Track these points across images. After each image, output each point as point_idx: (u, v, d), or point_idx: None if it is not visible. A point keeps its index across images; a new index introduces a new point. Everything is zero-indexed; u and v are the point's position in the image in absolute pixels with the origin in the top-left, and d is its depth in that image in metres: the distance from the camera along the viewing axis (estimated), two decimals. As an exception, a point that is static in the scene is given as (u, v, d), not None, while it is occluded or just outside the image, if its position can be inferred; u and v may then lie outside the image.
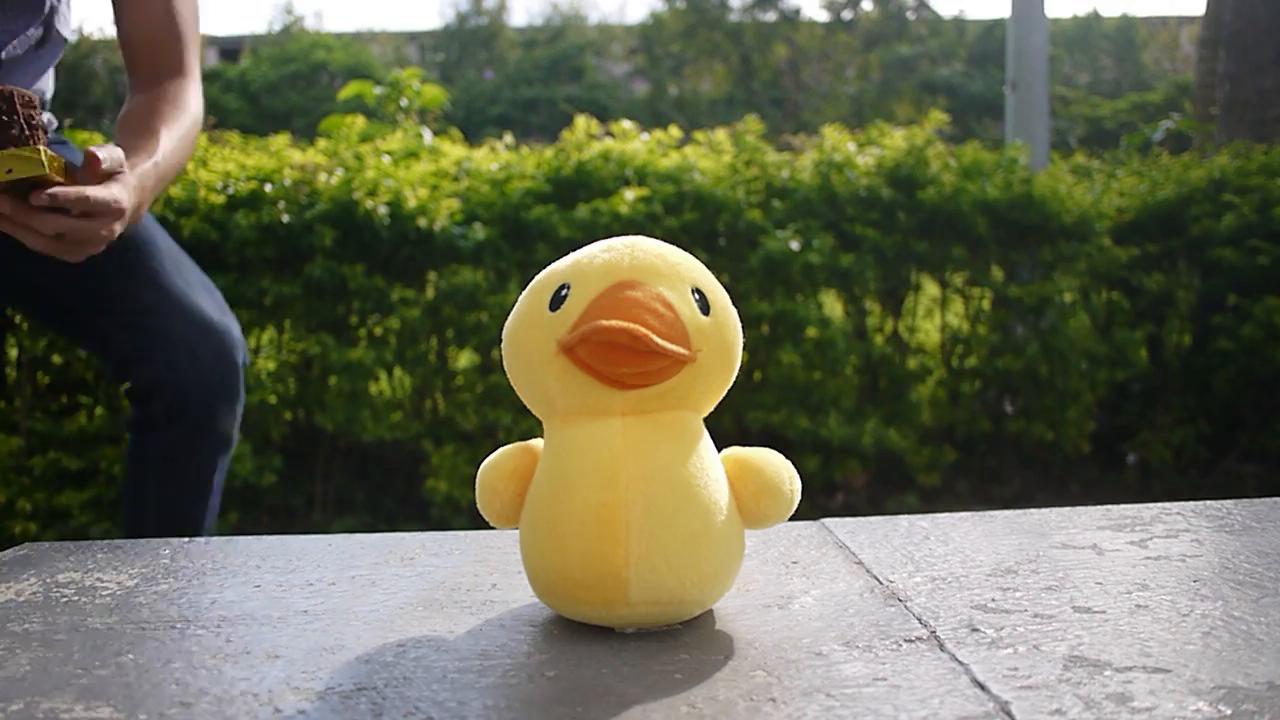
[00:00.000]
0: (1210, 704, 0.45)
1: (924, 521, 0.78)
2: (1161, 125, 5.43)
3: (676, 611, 0.54)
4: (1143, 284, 2.84)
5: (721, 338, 0.54)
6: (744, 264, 2.48)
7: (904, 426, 2.58)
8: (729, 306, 0.55)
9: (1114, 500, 0.95)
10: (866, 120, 5.41)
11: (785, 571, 0.66)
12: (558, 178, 2.51)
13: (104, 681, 0.50)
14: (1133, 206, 2.93)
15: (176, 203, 2.37)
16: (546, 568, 0.54)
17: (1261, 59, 4.31)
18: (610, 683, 0.48)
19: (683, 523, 0.52)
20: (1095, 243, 2.76)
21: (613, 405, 0.53)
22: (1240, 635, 0.53)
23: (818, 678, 0.49)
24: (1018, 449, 2.81)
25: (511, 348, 0.55)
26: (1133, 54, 16.77)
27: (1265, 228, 2.78)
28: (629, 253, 0.53)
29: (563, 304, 0.52)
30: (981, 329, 2.77)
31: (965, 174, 2.69)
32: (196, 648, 0.55)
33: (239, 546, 0.76)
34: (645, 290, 0.51)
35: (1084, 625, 0.55)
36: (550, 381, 0.53)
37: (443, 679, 0.50)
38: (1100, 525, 0.76)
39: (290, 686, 0.49)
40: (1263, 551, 0.68)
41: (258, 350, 2.75)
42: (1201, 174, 2.98)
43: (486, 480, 0.57)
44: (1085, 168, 3.58)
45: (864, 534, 0.75)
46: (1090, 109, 12.81)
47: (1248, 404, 2.84)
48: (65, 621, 0.60)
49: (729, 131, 2.87)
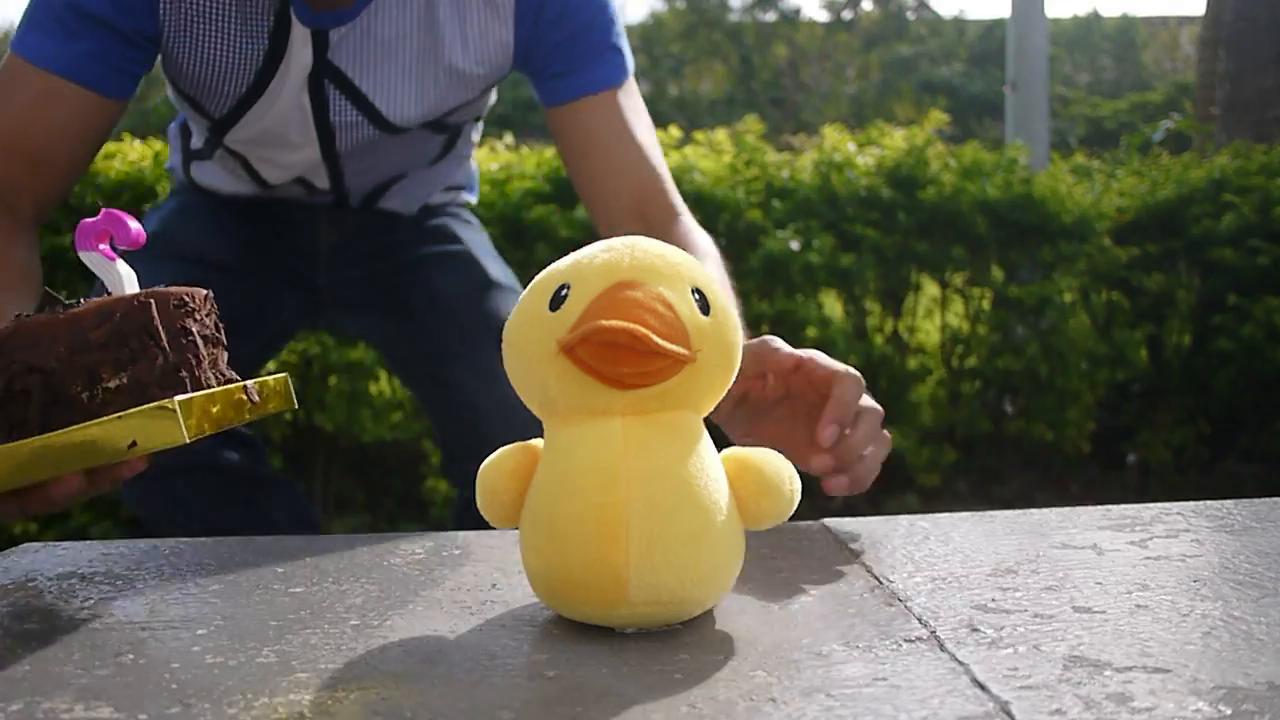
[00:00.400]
0: (1210, 704, 0.45)
1: (924, 521, 0.78)
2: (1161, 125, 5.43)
3: (676, 611, 0.54)
4: (1143, 284, 2.84)
5: (721, 338, 0.54)
6: (744, 264, 2.48)
7: (904, 426, 2.58)
8: (729, 306, 0.55)
9: (1114, 500, 0.95)
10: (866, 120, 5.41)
11: (785, 571, 0.66)
12: (558, 178, 2.51)
13: (104, 681, 0.50)
14: (1133, 206, 2.93)
15: (176, 203, 2.37)
16: (546, 568, 0.54)
17: (1261, 59, 4.31)
18: (610, 683, 0.48)
19: (683, 523, 0.52)
20: (1095, 243, 2.76)
21: (613, 405, 0.53)
22: (1240, 635, 0.53)
23: (818, 678, 0.49)
24: (1018, 449, 2.81)
25: (511, 348, 0.55)
26: (1133, 54, 16.76)
27: (1265, 228, 2.78)
28: (629, 253, 0.53)
29: (563, 304, 0.52)
30: (981, 329, 2.77)
31: (965, 174, 2.69)
32: (197, 648, 0.55)
33: (239, 545, 0.76)
34: (645, 290, 0.51)
35: (1084, 625, 0.55)
36: (550, 381, 0.53)
37: (443, 679, 0.50)
38: (1100, 525, 0.76)
39: (291, 686, 0.49)
40: (1263, 551, 0.68)
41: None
42: (1201, 174, 2.98)
43: (486, 480, 0.57)
44: (1085, 168, 3.57)
45: (864, 534, 0.75)
46: (1090, 109, 12.81)
47: (1248, 404, 2.84)
48: (65, 621, 0.60)
49: (729, 131, 2.87)
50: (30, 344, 0.56)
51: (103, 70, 0.99)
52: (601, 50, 1.10)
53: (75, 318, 0.56)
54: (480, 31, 1.09)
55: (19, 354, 0.56)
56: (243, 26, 1.04)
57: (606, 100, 1.10)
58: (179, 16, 1.02)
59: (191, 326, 0.58)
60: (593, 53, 1.10)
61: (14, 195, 0.97)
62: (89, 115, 1.00)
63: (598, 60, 1.10)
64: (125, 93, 1.03)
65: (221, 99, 1.09)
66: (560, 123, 1.13)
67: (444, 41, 1.08)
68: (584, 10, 1.10)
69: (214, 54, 1.05)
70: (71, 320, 0.56)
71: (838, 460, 0.74)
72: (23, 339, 0.56)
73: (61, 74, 0.97)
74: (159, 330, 0.57)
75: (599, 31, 1.11)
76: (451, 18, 1.08)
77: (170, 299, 0.58)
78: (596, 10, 1.11)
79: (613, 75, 1.11)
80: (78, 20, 0.97)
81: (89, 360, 0.56)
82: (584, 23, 1.10)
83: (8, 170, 0.97)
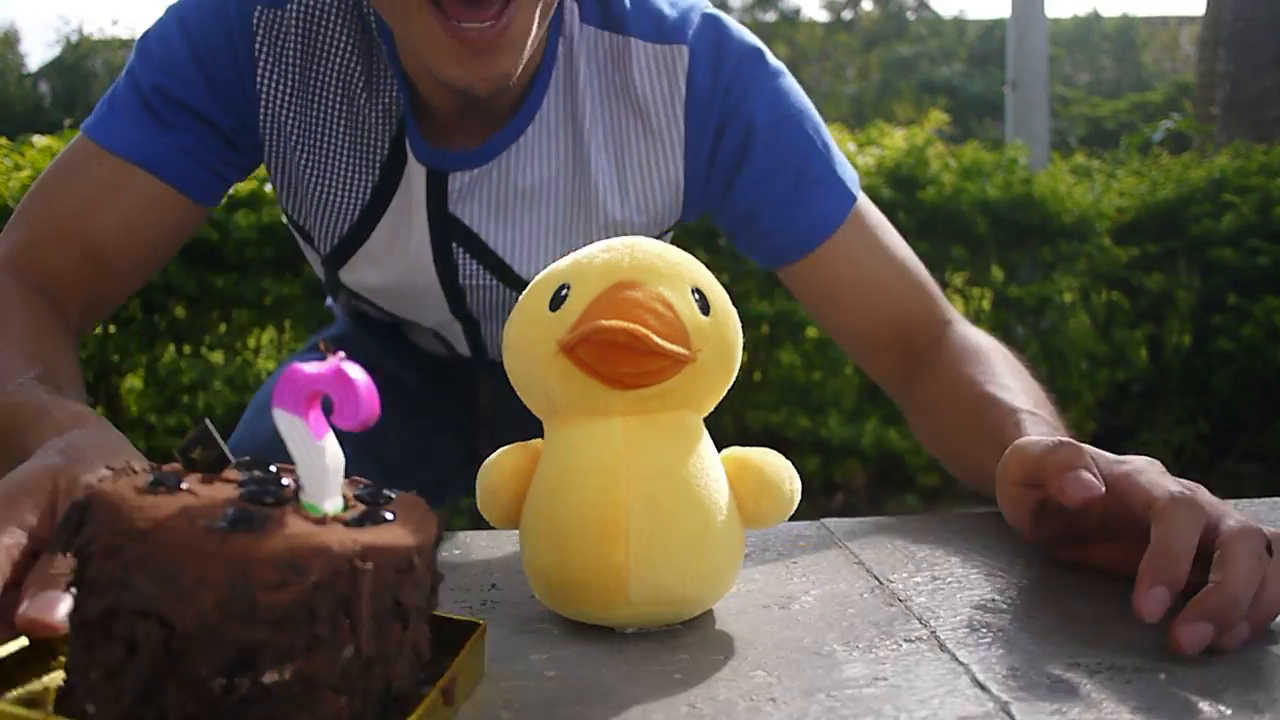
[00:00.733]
0: (1210, 704, 0.45)
1: (924, 521, 0.78)
2: (1161, 125, 5.44)
3: (677, 611, 0.54)
4: (1143, 284, 2.84)
5: (721, 338, 0.54)
6: (744, 264, 2.49)
7: (904, 426, 2.58)
8: (729, 306, 0.55)
9: (1114, 500, 0.94)
10: (866, 120, 5.41)
11: (785, 571, 0.66)
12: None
13: (104, 681, 0.50)
14: (1133, 206, 2.93)
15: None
16: (547, 567, 0.54)
17: (1261, 59, 4.32)
18: (610, 683, 0.48)
19: (683, 522, 0.52)
20: (1095, 243, 2.76)
21: (613, 405, 0.53)
22: (1240, 635, 0.53)
23: (818, 678, 0.48)
24: (1018, 449, 2.80)
25: (512, 348, 0.55)
26: (1133, 54, 16.77)
27: (1265, 228, 2.78)
28: (629, 253, 0.53)
29: (563, 304, 0.52)
30: (982, 329, 2.78)
31: (965, 174, 2.69)
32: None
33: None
34: (645, 290, 0.51)
35: (1084, 625, 0.55)
36: (550, 381, 0.53)
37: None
38: (1100, 525, 0.76)
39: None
40: (1263, 551, 0.68)
41: (258, 350, 2.76)
42: (1201, 174, 2.98)
43: (486, 480, 0.57)
44: (1085, 168, 3.58)
45: (864, 534, 0.75)
46: (1090, 109, 12.82)
47: (1248, 404, 2.84)
48: (65, 622, 0.60)
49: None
50: (160, 570, 0.34)
51: (194, 169, 0.84)
52: (822, 181, 0.88)
53: (246, 553, 0.34)
54: (642, 171, 0.88)
55: (137, 576, 0.34)
56: (351, 148, 0.87)
57: (838, 239, 0.89)
58: (279, 127, 0.87)
59: (409, 599, 0.38)
60: (812, 194, 0.88)
61: (62, 294, 0.81)
62: (167, 217, 0.84)
63: (819, 198, 0.88)
64: (213, 198, 0.87)
65: (327, 231, 0.92)
66: (790, 279, 0.93)
67: (597, 187, 0.88)
68: (787, 143, 0.87)
69: (317, 177, 0.88)
70: (241, 557, 0.34)
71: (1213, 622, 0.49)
72: (149, 546, 0.34)
73: (144, 165, 0.82)
74: (363, 612, 0.36)
75: (814, 165, 0.88)
76: (605, 156, 0.88)
77: (395, 559, 0.37)
78: (801, 139, 0.88)
79: (840, 206, 0.89)
80: (171, 109, 0.82)
81: (247, 635, 0.34)
82: (793, 160, 0.88)
83: (61, 265, 0.81)
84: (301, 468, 0.39)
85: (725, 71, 0.86)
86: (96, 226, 0.82)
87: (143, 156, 0.82)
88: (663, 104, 0.86)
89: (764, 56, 0.88)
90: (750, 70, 0.87)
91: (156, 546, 0.34)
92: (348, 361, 0.37)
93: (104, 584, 0.35)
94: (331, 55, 0.85)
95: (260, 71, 0.84)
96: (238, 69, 0.84)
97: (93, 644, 0.36)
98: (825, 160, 0.88)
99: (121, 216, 0.82)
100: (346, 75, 0.85)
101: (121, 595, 0.35)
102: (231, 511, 0.35)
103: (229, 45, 0.83)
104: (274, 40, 0.84)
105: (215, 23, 0.83)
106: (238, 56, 0.84)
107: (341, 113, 0.86)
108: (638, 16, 0.86)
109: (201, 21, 0.83)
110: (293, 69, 0.84)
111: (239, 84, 0.84)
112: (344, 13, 0.84)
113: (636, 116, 0.87)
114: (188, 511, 0.36)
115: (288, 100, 0.85)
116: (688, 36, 0.86)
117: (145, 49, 0.84)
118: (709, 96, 0.86)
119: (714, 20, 0.88)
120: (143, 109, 0.82)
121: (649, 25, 0.86)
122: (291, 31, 0.84)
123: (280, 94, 0.85)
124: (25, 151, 2.62)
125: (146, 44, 0.85)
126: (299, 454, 0.39)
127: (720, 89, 0.86)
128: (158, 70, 0.83)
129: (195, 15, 0.84)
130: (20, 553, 0.48)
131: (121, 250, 0.83)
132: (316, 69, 0.85)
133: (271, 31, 0.84)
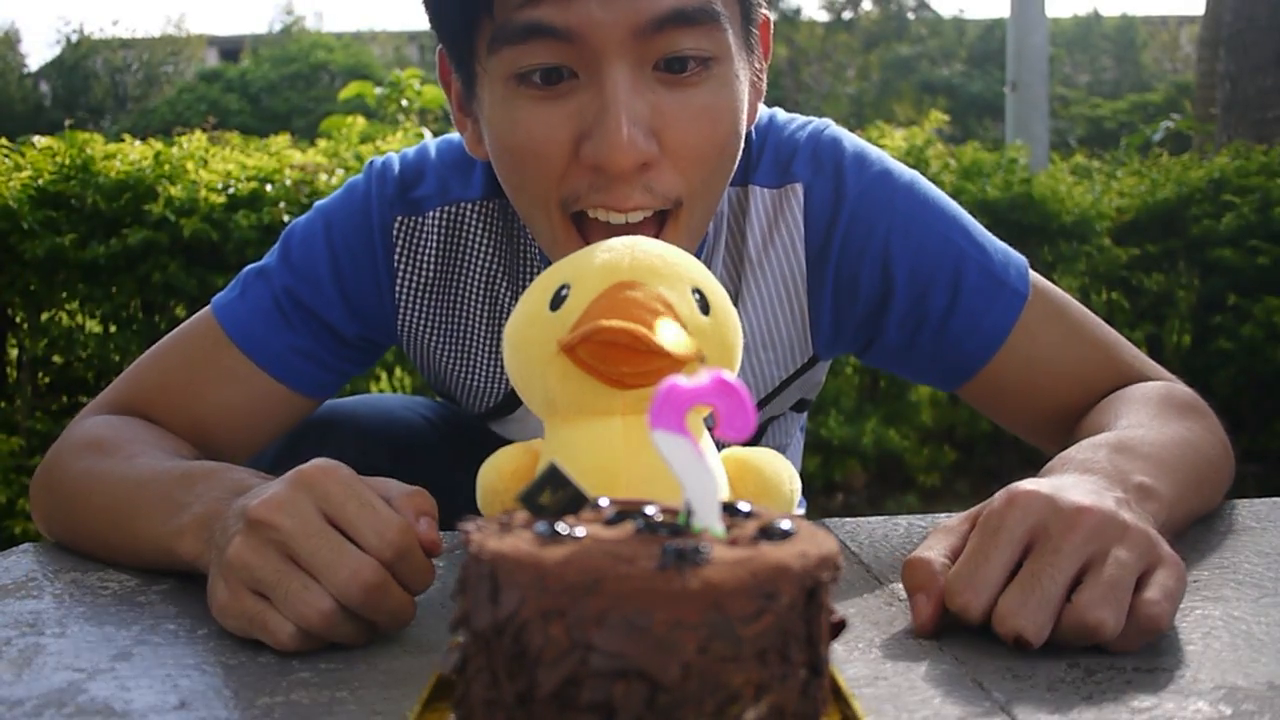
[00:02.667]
0: (1210, 704, 0.45)
1: (924, 521, 0.78)
2: (1161, 125, 5.44)
3: (677, 611, 0.54)
4: (1143, 284, 2.84)
5: (721, 338, 0.54)
6: (744, 264, 2.49)
7: (904, 426, 2.58)
8: (729, 307, 0.55)
9: (1114, 500, 0.94)
10: (866, 120, 5.41)
11: (785, 571, 0.66)
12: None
13: (105, 681, 0.50)
14: (1133, 206, 2.93)
15: (177, 203, 2.37)
16: (547, 568, 0.54)
17: (1261, 59, 4.32)
18: (610, 683, 0.48)
19: (683, 523, 0.52)
20: (1095, 243, 2.76)
21: (613, 405, 0.53)
22: (1240, 635, 0.53)
23: (818, 677, 0.48)
24: (1018, 449, 2.80)
25: (512, 348, 0.55)
26: (1133, 54, 16.77)
27: (1265, 228, 2.78)
28: (629, 253, 0.53)
29: (563, 304, 0.52)
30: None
31: (965, 174, 2.70)
32: (197, 648, 0.55)
33: (239, 546, 0.76)
34: (645, 290, 0.51)
35: (1084, 625, 0.55)
36: (551, 381, 0.53)
37: (443, 679, 0.50)
38: (1100, 525, 0.75)
39: (291, 686, 0.49)
40: (1263, 551, 0.68)
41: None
42: (1201, 174, 2.98)
43: (487, 480, 0.57)
44: (1085, 168, 3.58)
45: (864, 534, 0.75)
46: (1090, 109, 12.83)
47: (1248, 404, 2.84)
48: (66, 621, 0.60)
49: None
50: (626, 623, 0.31)
51: (310, 368, 0.85)
52: (982, 291, 0.81)
53: (713, 588, 0.31)
54: (764, 312, 0.84)
55: (597, 635, 0.31)
56: (494, 341, 0.88)
57: (1011, 344, 0.81)
58: (415, 326, 0.88)
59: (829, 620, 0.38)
60: (973, 307, 0.81)
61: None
62: (276, 409, 0.85)
63: (983, 310, 0.81)
64: (324, 392, 0.89)
65: (472, 405, 0.93)
66: (970, 394, 0.86)
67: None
68: (932, 263, 0.80)
69: (462, 367, 0.89)
70: (710, 594, 0.31)
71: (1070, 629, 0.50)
72: (604, 600, 0.31)
73: (260, 362, 0.83)
74: (824, 626, 0.36)
75: (969, 275, 0.81)
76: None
77: (831, 570, 0.36)
78: (948, 253, 0.81)
79: (1008, 311, 0.81)
80: (300, 314, 0.84)
81: (727, 675, 0.32)
82: (942, 278, 0.80)
83: (172, 428, 0.83)
84: (690, 490, 0.36)
85: (846, 205, 0.81)
86: (207, 406, 0.83)
87: (262, 355, 0.83)
88: (781, 247, 0.83)
89: (890, 176, 0.83)
90: (876, 196, 0.81)
91: (613, 599, 0.31)
92: (728, 377, 0.36)
93: (554, 652, 0.31)
94: (473, 255, 0.86)
95: (399, 280, 0.86)
96: (376, 280, 0.86)
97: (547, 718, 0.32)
98: (982, 265, 0.81)
99: (231, 402, 0.84)
100: (489, 273, 0.86)
101: (587, 658, 0.31)
102: (671, 548, 0.32)
103: (370, 258, 0.85)
104: (413, 247, 0.86)
105: (359, 236, 0.85)
106: (378, 269, 0.85)
107: (484, 310, 0.87)
108: (758, 160, 0.84)
109: (346, 234, 0.85)
110: (429, 271, 0.86)
111: (375, 295, 0.86)
112: (485, 217, 0.86)
113: (752, 266, 0.83)
114: (622, 557, 0.32)
115: (426, 302, 0.87)
116: (803, 173, 0.83)
117: (288, 247, 0.86)
118: (828, 229, 0.82)
119: (832, 146, 0.83)
120: (272, 306, 0.84)
121: (768, 166, 0.84)
122: (431, 236, 0.86)
123: (418, 298, 0.87)
124: (25, 151, 2.62)
125: (289, 242, 0.86)
126: (688, 477, 0.36)
127: (843, 221, 0.81)
128: (295, 275, 0.84)
129: (341, 226, 0.85)
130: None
131: (227, 429, 0.84)
132: (456, 269, 0.87)
133: (411, 239, 0.85)
